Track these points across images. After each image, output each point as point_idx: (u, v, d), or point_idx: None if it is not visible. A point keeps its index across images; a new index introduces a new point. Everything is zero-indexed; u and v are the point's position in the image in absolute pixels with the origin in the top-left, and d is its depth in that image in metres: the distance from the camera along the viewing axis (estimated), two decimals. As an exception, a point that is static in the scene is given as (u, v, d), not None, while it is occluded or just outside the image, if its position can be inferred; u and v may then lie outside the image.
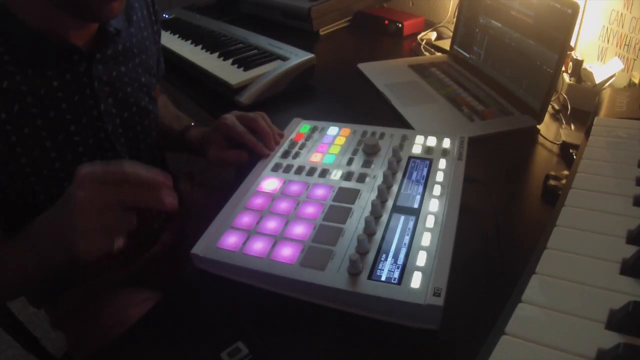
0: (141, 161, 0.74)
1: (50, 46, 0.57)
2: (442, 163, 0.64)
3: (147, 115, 0.74)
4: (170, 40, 1.21)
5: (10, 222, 0.63)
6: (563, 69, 0.90)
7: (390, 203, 0.57)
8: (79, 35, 0.60)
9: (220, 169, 1.06)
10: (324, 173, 0.64)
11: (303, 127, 0.76)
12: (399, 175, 0.62)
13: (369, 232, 0.52)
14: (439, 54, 1.17)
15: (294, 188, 0.61)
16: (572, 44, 0.95)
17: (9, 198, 0.61)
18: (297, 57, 0.99)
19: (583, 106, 0.86)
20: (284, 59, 1.01)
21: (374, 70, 1.06)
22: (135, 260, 0.81)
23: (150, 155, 0.78)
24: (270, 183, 0.63)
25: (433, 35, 1.25)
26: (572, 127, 0.83)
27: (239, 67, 1.01)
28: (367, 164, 0.65)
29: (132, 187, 0.46)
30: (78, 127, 0.62)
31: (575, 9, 0.74)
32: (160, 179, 0.48)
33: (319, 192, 0.60)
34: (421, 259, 0.49)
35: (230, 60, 1.04)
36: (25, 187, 0.60)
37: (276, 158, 0.68)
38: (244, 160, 0.71)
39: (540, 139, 0.81)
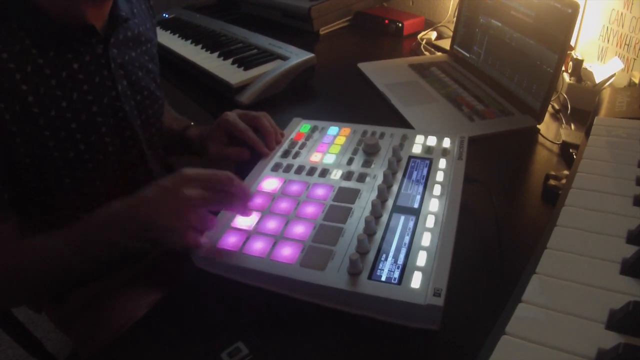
0: (154, 145, 0.76)
1: (69, 28, 0.59)
2: (442, 163, 0.63)
3: (156, 100, 0.76)
4: (170, 40, 1.21)
5: (27, 209, 0.64)
6: (563, 68, 0.90)
7: (390, 203, 0.57)
8: (94, 19, 0.61)
9: (221, 168, 1.06)
10: (324, 173, 0.64)
11: (303, 126, 0.76)
12: (399, 175, 0.62)
13: (369, 232, 0.52)
14: (439, 53, 1.17)
15: (294, 188, 0.61)
16: (572, 43, 0.95)
17: (32, 183, 0.62)
18: (297, 56, 0.99)
19: (583, 106, 0.86)
20: (284, 58, 1.01)
21: (374, 70, 1.06)
22: (142, 260, 0.81)
23: (160, 140, 0.80)
24: (270, 183, 0.63)
25: (433, 35, 1.25)
26: (572, 126, 0.83)
27: (239, 66, 1.01)
28: (367, 163, 0.65)
29: (227, 192, 0.54)
30: (100, 107, 0.64)
31: (575, 8, 0.74)
32: (248, 190, 0.56)
33: (319, 191, 0.60)
34: (421, 259, 0.49)
35: (231, 60, 1.04)
36: (51, 170, 0.61)
37: (276, 158, 0.68)
38: (245, 157, 0.71)
39: (541, 139, 0.81)
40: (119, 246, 0.53)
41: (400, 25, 1.28)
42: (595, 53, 0.95)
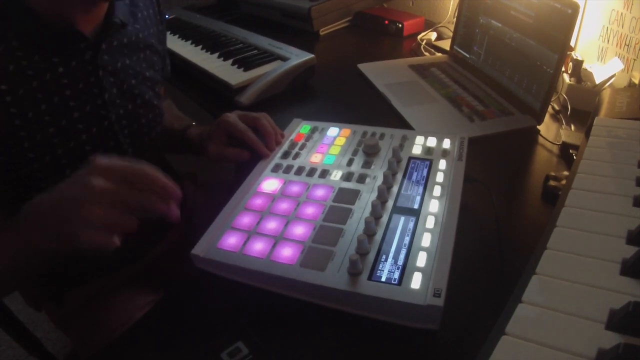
0: (144, 154, 0.75)
1: (57, 32, 0.58)
2: (442, 163, 0.64)
3: (151, 109, 0.74)
4: (170, 41, 1.21)
5: (12, 208, 0.63)
6: (563, 69, 0.90)
7: (390, 204, 0.57)
8: (86, 23, 0.61)
9: (221, 169, 1.06)
10: (324, 174, 0.64)
11: (303, 127, 0.76)
12: (399, 175, 0.62)
13: (369, 232, 0.52)
14: (439, 54, 1.17)
15: (294, 189, 0.61)
16: (572, 44, 0.95)
17: (11, 184, 0.61)
18: (297, 57, 0.99)
19: (583, 106, 0.86)
20: (284, 59, 1.01)
21: (374, 71, 1.06)
22: (142, 259, 0.81)
23: (154, 150, 0.78)
24: (270, 184, 0.63)
25: (433, 36, 1.25)
26: (572, 127, 0.83)
27: (239, 67, 1.01)
28: (367, 164, 0.65)
29: (146, 189, 0.47)
30: (82, 114, 0.63)
31: (575, 8, 0.74)
32: (175, 189, 0.48)
33: (319, 192, 0.60)
34: (421, 259, 0.49)
35: (231, 61, 1.04)
36: (28, 172, 0.61)
37: (276, 159, 0.68)
38: (245, 158, 0.71)
39: (540, 140, 0.81)
40: (34, 248, 0.48)
41: (400, 25, 1.28)
42: (595, 53, 0.95)
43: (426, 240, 0.51)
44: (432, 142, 0.68)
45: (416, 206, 0.56)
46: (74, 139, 0.63)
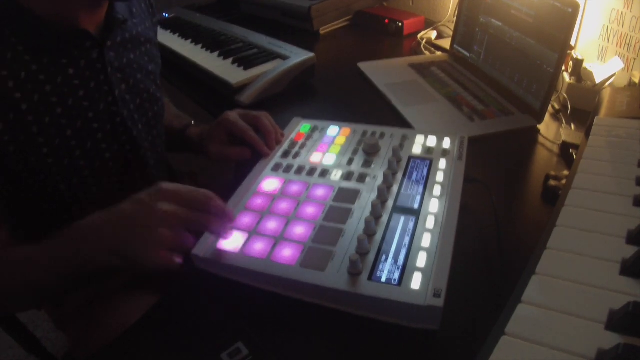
0: (157, 148, 0.75)
1: (62, 33, 0.58)
2: (443, 163, 0.63)
3: (156, 102, 0.75)
4: (170, 40, 1.21)
5: (23, 218, 0.63)
6: (563, 68, 0.90)
7: (390, 203, 0.57)
8: (88, 22, 0.61)
9: (221, 168, 1.06)
10: (324, 173, 0.64)
11: (303, 126, 0.76)
12: (399, 175, 0.62)
13: (369, 232, 0.52)
14: (439, 53, 1.17)
15: (294, 188, 0.61)
16: (572, 43, 0.95)
17: (26, 190, 0.61)
18: (298, 56, 0.99)
19: (583, 106, 0.86)
20: (284, 58, 1.00)
21: (374, 70, 1.06)
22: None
23: (162, 143, 0.79)
24: (270, 183, 0.63)
25: (433, 35, 1.25)
26: (573, 126, 0.83)
27: (239, 66, 1.01)
28: (367, 164, 0.65)
29: (205, 211, 0.51)
30: (96, 113, 0.63)
31: (575, 8, 0.74)
32: (229, 211, 0.53)
33: (319, 192, 0.60)
34: (421, 259, 0.49)
35: (231, 60, 1.04)
36: (46, 177, 0.61)
37: (276, 158, 0.68)
38: (247, 157, 0.71)
39: (541, 139, 0.81)
40: (88, 265, 0.50)
41: (400, 24, 1.28)
42: (596, 53, 0.95)
43: (426, 240, 0.51)
44: (432, 141, 0.68)
45: (416, 206, 0.56)
46: (90, 139, 0.63)
